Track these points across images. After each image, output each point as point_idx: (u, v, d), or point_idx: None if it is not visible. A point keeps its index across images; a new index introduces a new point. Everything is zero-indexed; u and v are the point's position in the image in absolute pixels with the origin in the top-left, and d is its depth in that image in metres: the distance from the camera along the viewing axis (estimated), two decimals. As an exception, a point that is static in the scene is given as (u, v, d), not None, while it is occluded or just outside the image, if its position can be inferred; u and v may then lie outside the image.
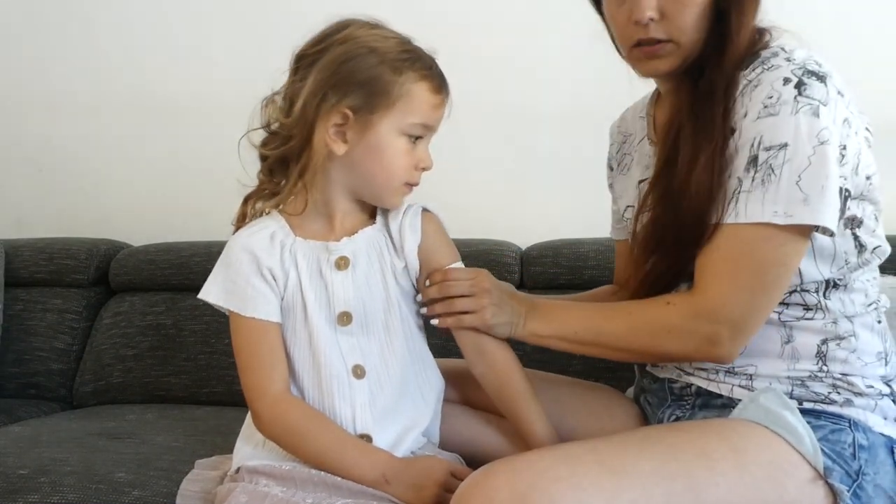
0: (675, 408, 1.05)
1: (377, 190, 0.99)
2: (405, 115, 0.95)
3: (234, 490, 0.95)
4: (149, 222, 2.10)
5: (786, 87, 0.90)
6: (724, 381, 0.99)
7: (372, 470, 0.93)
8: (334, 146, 0.95)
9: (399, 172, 0.97)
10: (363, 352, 0.99)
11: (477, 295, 1.00)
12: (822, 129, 0.88)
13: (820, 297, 0.96)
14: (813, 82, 0.90)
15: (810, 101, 0.89)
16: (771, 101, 0.90)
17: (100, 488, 1.17)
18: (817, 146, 0.88)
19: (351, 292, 0.98)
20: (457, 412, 1.11)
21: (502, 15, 1.89)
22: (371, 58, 0.94)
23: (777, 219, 0.88)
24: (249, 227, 1.00)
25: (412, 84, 0.95)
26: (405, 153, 0.97)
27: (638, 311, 0.99)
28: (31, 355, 1.83)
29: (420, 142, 0.98)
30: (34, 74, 2.19)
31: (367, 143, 0.95)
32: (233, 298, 0.97)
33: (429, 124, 0.98)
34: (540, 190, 1.88)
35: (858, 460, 0.91)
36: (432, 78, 0.97)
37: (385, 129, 0.95)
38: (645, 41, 0.97)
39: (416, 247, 1.01)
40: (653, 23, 0.96)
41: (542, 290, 1.66)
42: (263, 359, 0.97)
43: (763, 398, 0.94)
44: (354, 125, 0.95)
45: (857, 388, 0.95)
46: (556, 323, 1.02)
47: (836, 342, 0.96)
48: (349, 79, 0.94)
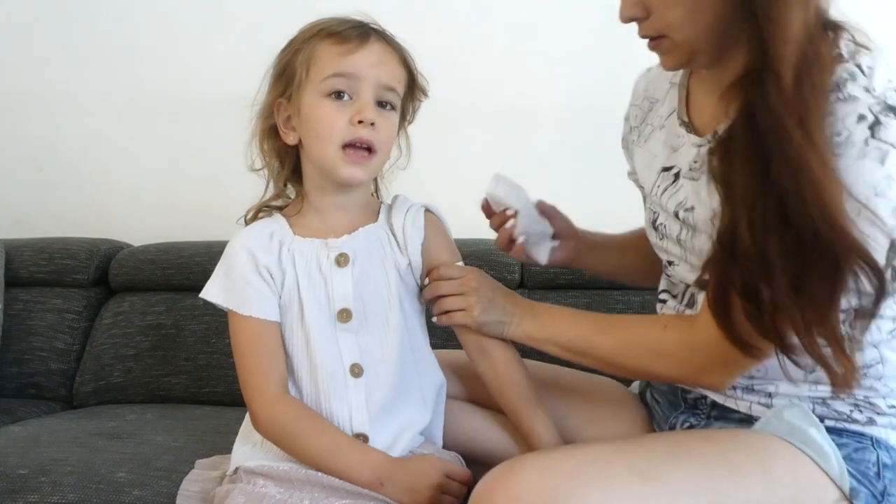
0: (689, 415, 1.03)
1: (322, 161, 0.96)
2: (317, 76, 0.95)
3: (231, 491, 0.95)
4: (149, 222, 2.10)
5: (859, 126, 0.80)
6: (742, 398, 0.96)
7: (366, 472, 0.93)
8: (287, 138, 0.99)
9: (329, 132, 0.94)
10: (361, 350, 0.98)
11: (465, 293, 1.01)
12: (882, 178, 0.79)
13: (847, 327, 0.86)
14: (890, 121, 0.80)
15: (880, 146, 0.79)
16: (839, 139, 0.80)
17: (100, 488, 1.17)
18: (871, 197, 0.79)
19: (351, 289, 0.98)
20: (460, 409, 1.11)
21: (502, 14, 1.89)
22: (290, 45, 0.99)
23: None
24: (250, 228, 1.01)
25: (314, 48, 0.96)
26: (330, 112, 0.94)
27: (634, 328, 0.98)
28: (31, 355, 1.83)
29: (355, 97, 0.94)
30: (34, 74, 2.18)
31: (301, 120, 0.97)
32: (231, 297, 0.98)
33: (343, 72, 0.94)
34: (540, 190, 1.88)
35: (883, 480, 0.89)
36: (336, 34, 0.95)
37: (308, 100, 0.96)
38: (643, 37, 0.91)
39: (419, 245, 1.02)
40: (641, 21, 0.89)
41: (542, 290, 1.66)
42: (261, 358, 0.97)
43: (788, 413, 0.91)
44: (293, 113, 0.97)
45: (879, 409, 0.92)
46: (550, 328, 1.02)
47: (862, 371, 0.90)
48: (275, 71, 0.99)
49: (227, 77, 2.02)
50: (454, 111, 1.80)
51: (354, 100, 0.94)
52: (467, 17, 1.89)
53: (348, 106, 0.94)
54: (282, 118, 0.99)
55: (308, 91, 0.96)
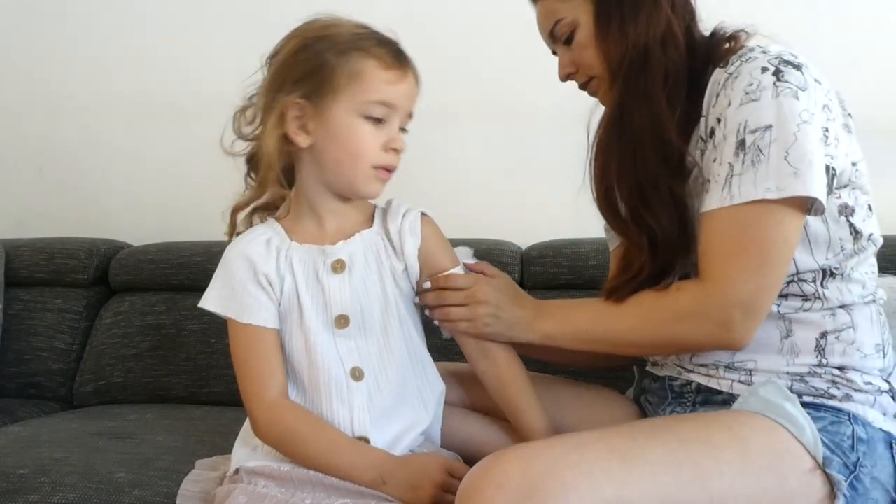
0: (675, 405, 1.06)
1: (347, 177, 0.98)
2: (359, 95, 0.94)
3: (233, 491, 0.95)
4: (149, 222, 2.10)
5: (764, 75, 0.93)
6: (723, 376, 1.00)
7: (368, 471, 0.93)
8: (297, 139, 0.96)
9: (364, 154, 0.96)
10: (361, 354, 0.98)
11: (471, 306, 1.01)
12: (802, 111, 0.91)
13: (817, 286, 0.97)
14: (790, 70, 0.93)
15: (789, 86, 0.92)
16: (751, 87, 0.93)
17: (100, 488, 1.17)
18: (801, 124, 0.91)
19: (348, 295, 0.98)
20: (456, 413, 1.12)
21: (502, 14, 1.88)
22: (319, 44, 0.95)
23: (770, 194, 0.90)
24: (247, 235, 1.01)
25: (360, 63, 0.94)
26: (367, 134, 0.95)
27: (648, 300, 0.99)
28: (31, 355, 1.83)
29: (388, 123, 0.96)
30: (34, 74, 2.18)
31: (328, 130, 0.95)
32: (230, 305, 0.98)
33: (388, 101, 0.95)
34: (540, 190, 1.88)
35: (857, 452, 0.92)
36: (383, 54, 0.95)
37: (342, 112, 0.95)
38: (581, 88, 1.10)
39: (416, 250, 1.01)
40: (574, 75, 1.08)
41: (542, 290, 1.66)
42: (260, 365, 0.97)
43: (763, 390, 0.94)
44: (312, 115, 0.95)
45: (856, 385, 0.96)
46: (567, 323, 1.03)
47: (834, 335, 0.97)
48: (299, 69, 0.95)
49: (227, 77, 2.00)
50: (454, 111, 1.80)
51: (386, 125, 0.96)
52: (467, 17, 1.89)
53: (381, 131, 0.96)
54: (294, 117, 0.96)
55: (343, 105, 0.94)
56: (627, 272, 1.02)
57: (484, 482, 0.79)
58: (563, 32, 1.06)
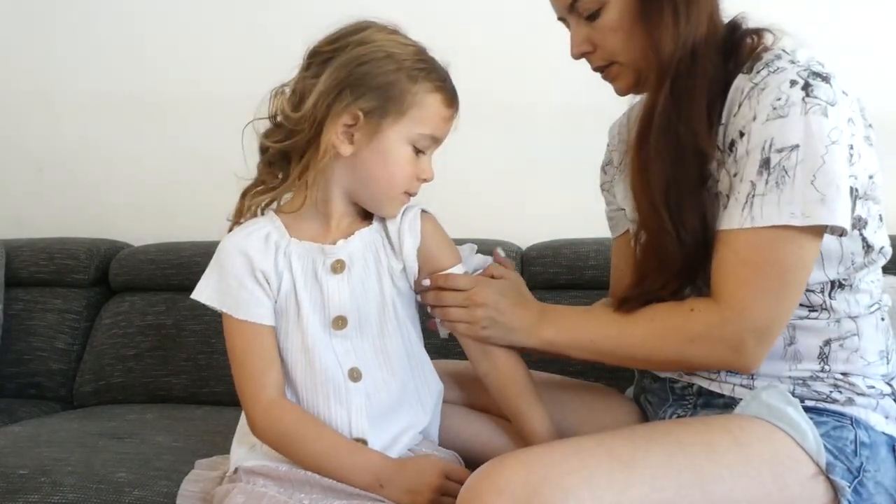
0: (676, 407, 1.05)
1: (377, 195, 0.99)
2: (415, 125, 0.95)
3: (231, 491, 0.95)
4: (149, 222, 2.10)
5: (793, 90, 0.89)
6: (725, 380, 0.99)
7: (366, 474, 0.92)
8: (341, 146, 0.95)
9: (401, 180, 0.97)
10: (358, 355, 0.98)
11: (470, 308, 1.00)
12: (832, 129, 0.87)
13: (825, 297, 0.96)
14: (819, 83, 0.89)
15: (818, 102, 0.88)
16: (779, 102, 0.89)
17: (100, 488, 1.17)
18: (829, 145, 0.87)
19: (346, 296, 0.97)
20: (457, 412, 1.11)
21: (502, 14, 1.89)
22: (388, 63, 0.94)
23: (795, 220, 0.87)
24: (244, 228, 0.99)
25: (426, 94, 0.95)
26: (409, 162, 0.97)
27: (660, 317, 0.97)
28: (31, 355, 1.83)
29: (426, 154, 0.98)
30: (34, 74, 2.18)
31: (374, 148, 0.95)
32: (226, 299, 0.97)
33: (437, 136, 0.98)
34: (540, 190, 1.88)
35: (860, 457, 0.91)
36: (446, 90, 0.97)
37: (394, 136, 0.95)
38: (595, 70, 1.04)
39: (415, 249, 1.01)
40: (590, 54, 1.02)
41: (542, 290, 1.65)
42: (256, 363, 0.96)
43: (765, 394, 0.93)
44: (364, 128, 0.94)
45: (859, 389, 0.95)
46: (570, 332, 1.01)
47: (838, 342, 0.96)
48: (364, 81, 0.93)
49: (227, 77, 2.02)
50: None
51: (424, 155, 0.98)
52: (467, 17, 1.89)
53: (419, 160, 0.98)
54: (343, 123, 0.94)
55: (398, 129, 0.95)
56: (642, 285, 0.99)
57: (484, 488, 0.79)
58: (587, 7, 0.98)
